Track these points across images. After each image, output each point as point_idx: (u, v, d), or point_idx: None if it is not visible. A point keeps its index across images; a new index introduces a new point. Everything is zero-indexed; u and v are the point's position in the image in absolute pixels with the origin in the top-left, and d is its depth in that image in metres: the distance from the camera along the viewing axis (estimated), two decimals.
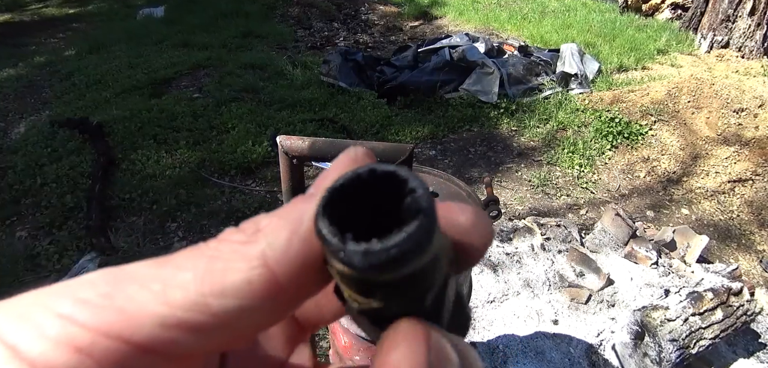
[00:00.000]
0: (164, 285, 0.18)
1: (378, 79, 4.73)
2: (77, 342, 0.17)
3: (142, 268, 0.19)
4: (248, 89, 4.58)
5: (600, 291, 2.35)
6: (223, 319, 0.18)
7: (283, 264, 0.19)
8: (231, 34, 6.07)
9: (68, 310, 0.18)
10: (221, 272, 0.19)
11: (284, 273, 0.19)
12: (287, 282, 0.19)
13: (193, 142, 3.77)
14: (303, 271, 0.20)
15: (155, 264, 0.19)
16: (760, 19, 5.20)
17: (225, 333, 0.19)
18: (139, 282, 0.19)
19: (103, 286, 0.19)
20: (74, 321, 0.17)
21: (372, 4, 7.80)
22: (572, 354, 2.06)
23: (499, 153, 3.87)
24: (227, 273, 0.19)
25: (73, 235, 2.86)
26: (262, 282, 0.19)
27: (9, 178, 3.35)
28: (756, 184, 3.52)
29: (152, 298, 0.18)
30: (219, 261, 0.19)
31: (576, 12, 6.95)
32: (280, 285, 0.19)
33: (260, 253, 0.19)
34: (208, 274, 0.19)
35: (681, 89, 4.21)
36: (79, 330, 0.17)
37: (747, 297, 2.15)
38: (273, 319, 0.21)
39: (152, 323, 0.18)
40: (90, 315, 0.18)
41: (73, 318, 0.17)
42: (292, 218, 0.20)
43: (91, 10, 7.88)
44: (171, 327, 0.18)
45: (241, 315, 0.19)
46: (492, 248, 2.59)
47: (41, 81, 5.03)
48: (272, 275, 0.19)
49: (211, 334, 0.19)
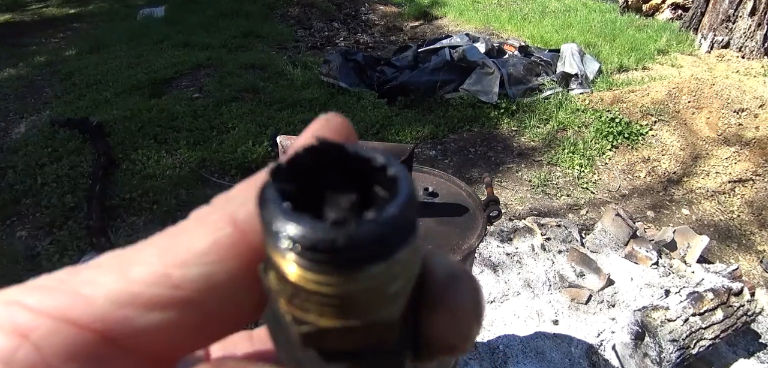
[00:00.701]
0: (125, 264, 0.17)
1: (378, 79, 4.73)
2: (21, 326, 0.15)
3: (107, 256, 0.18)
4: (248, 89, 4.58)
5: (600, 291, 2.35)
6: (188, 291, 0.16)
7: (255, 222, 0.17)
8: (231, 34, 6.07)
9: (17, 296, 0.16)
10: (186, 241, 0.17)
11: (258, 232, 0.17)
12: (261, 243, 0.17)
13: (194, 142, 3.77)
14: None
15: (121, 250, 0.18)
16: (760, 19, 5.20)
17: (192, 312, 0.16)
18: (101, 266, 0.17)
19: (62, 273, 0.17)
20: (21, 305, 0.16)
21: (372, 4, 7.80)
22: (572, 354, 2.06)
23: (500, 153, 3.87)
24: (192, 240, 0.17)
25: (73, 235, 2.86)
26: (231, 243, 0.17)
27: (9, 177, 3.35)
28: (756, 184, 3.52)
29: (111, 278, 0.16)
30: (183, 232, 0.17)
31: (576, 12, 6.95)
32: (252, 245, 0.17)
33: (228, 215, 0.17)
34: (171, 245, 0.17)
35: (681, 89, 4.21)
36: (25, 314, 0.15)
37: (747, 297, 2.14)
38: (251, 300, 0.18)
39: (105, 300, 0.16)
40: (39, 299, 0.16)
41: (20, 303, 0.16)
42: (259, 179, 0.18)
43: (92, 10, 7.88)
44: (126, 304, 0.16)
45: (208, 287, 0.16)
46: (492, 248, 2.59)
47: (41, 81, 5.03)
48: (242, 234, 0.17)
49: (175, 312, 0.16)
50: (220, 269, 0.16)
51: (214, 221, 0.17)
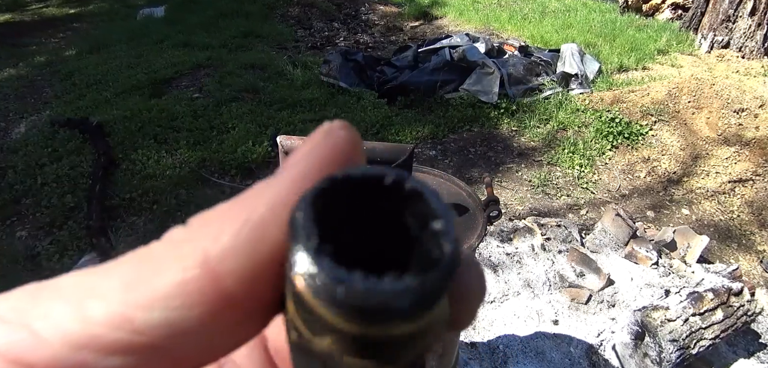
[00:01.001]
0: (84, 297, 0.15)
1: (378, 79, 4.73)
2: None
3: (70, 278, 0.16)
4: (248, 89, 4.58)
5: (600, 291, 2.35)
6: (151, 338, 0.14)
7: (229, 262, 0.15)
8: (231, 34, 6.07)
9: None
10: (150, 277, 0.15)
11: (232, 274, 0.15)
12: (236, 287, 0.15)
13: (194, 142, 3.77)
14: (262, 271, 0.16)
15: (87, 272, 0.16)
16: (760, 19, 5.20)
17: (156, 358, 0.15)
18: (61, 293, 0.15)
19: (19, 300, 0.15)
20: None
21: (372, 4, 7.80)
22: (572, 354, 2.06)
23: (500, 153, 3.87)
24: (157, 277, 0.15)
25: (73, 235, 2.86)
26: (201, 286, 0.15)
27: (9, 177, 3.35)
28: (756, 184, 3.52)
29: (68, 313, 0.15)
30: (151, 262, 0.16)
31: (576, 12, 6.95)
32: (226, 291, 0.15)
33: (200, 250, 0.15)
34: (135, 280, 0.15)
35: (681, 89, 4.21)
36: None
37: (747, 297, 2.14)
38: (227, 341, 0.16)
39: (62, 344, 0.14)
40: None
41: None
42: (246, 203, 0.16)
43: (92, 10, 7.88)
44: (84, 347, 0.14)
45: (174, 334, 0.15)
46: (492, 248, 2.59)
47: (41, 81, 5.03)
48: (215, 277, 0.15)
49: (136, 358, 0.14)
50: (187, 315, 0.15)
51: (183, 256, 0.15)
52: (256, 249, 0.15)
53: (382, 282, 0.14)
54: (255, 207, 0.16)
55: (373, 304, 0.14)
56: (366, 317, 0.14)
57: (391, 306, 0.14)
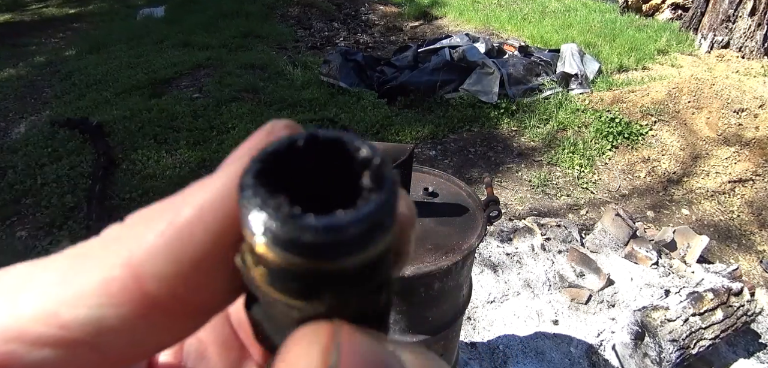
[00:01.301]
0: (20, 290, 0.15)
1: (378, 79, 4.73)
2: None
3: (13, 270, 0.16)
4: (248, 89, 4.58)
5: (600, 291, 2.35)
6: (78, 334, 0.15)
7: (151, 265, 0.15)
8: (231, 34, 6.07)
9: None
10: (79, 273, 0.15)
11: (153, 276, 0.15)
12: (159, 289, 0.15)
13: (194, 142, 3.77)
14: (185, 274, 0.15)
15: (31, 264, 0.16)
16: (760, 19, 5.20)
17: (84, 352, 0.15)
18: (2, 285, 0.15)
19: None
20: None
21: (372, 4, 7.80)
22: (572, 354, 2.06)
23: (500, 153, 3.86)
24: (85, 274, 0.15)
25: (73, 235, 2.86)
26: (123, 287, 0.15)
27: (9, 177, 3.35)
28: (756, 184, 3.52)
29: (2, 306, 0.15)
30: (83, 259, 0.16)
31: (576, 12, 6.95)
32: (148, 293, 0.15)
33: (126, 250, 0.15)
34: (67, 276, 0.15)
35: (681, 89, 4.21)
36: None
37: (747, 297, 2.14)
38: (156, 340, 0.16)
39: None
40: None
41: None
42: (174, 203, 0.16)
43: (91, 10, 7.88)
44: (13, 340, 0.14)
45: (99, 331, 0.15)
46: (492, 248, 2.59)
47: (41, 81, 5.03)
48: (137, 278, 0.15)
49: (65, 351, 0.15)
50: (111, 314, 0.15)
51: (110, 255, 0.15)
52: (180, 252, 0.15)
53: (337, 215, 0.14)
54: (181, 208, 0.16)
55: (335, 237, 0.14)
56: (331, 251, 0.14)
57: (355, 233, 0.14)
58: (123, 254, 0.15)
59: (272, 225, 0.14)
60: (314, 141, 0.16)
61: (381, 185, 0.16)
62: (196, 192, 0.16)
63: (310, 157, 0.17)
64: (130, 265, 0.15)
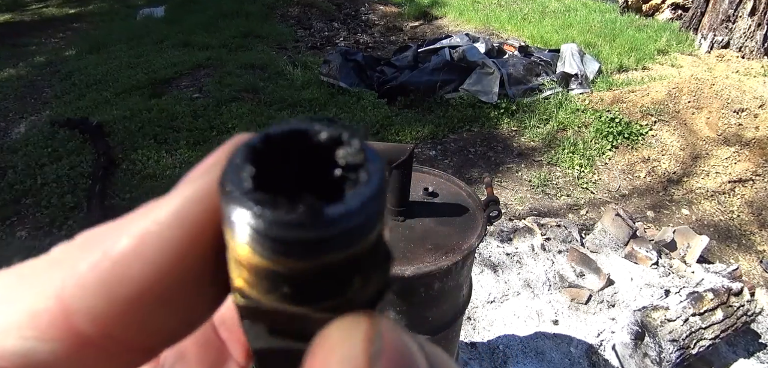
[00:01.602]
0: None
1: (378, 79, 4.73)
2: None
3: None
4: (248, 89, 4.58)
5: (600, 291, 2.35)
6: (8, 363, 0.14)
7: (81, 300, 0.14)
8: (231, 34, 6.07)
9: None
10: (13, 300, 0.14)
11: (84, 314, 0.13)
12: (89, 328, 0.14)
13: (194, 142, 3.77)
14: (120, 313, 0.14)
15: None
16: (760, 19, 5.20)
17: None
18: None
19: None
20: None
21: (372, 4, 7.80)
22: (572, 354, 2.06)
23: (500, 153, 3.86)
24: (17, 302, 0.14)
25: (73, 235, 2.85)
26: (53, 320, 0.13)
27: (9, 177, 3.35)
28: (756, 184, 3.52)
29: None
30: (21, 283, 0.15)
31: (576, 12, 6.95)
32: (78, 330, 0.14)
33: (59, 279, 0.14)
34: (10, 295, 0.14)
35: (681, 89, 4.21)
36: None
37: (747, 297, 2.14)
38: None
39: None
40: None
41: None
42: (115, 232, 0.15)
43: (91, 10, 7.88)
44: None
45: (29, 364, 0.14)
46: (492, 248, 2.59)
47: (41, 81, 5.03)
48: (66, 313, 0.13)
49: None
50: (40, 347, 0.13)
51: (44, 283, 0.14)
52: (113, 288, 0.14)
53: (346, 198, 0.14)
54: (119, 238, 0.14)
55: (331, 231, 0.13)
56: (325, 245, 0.13)
57: (350, 224, 0.13)
58: (56, 284, 0.14)
59: (254, 224, 0.13)
60: (269, 140, 0.15)
61: (367, 158, 0.15)
62: (138, 218, 0.15)
63: (274, 156, 0.15)
64: (61, 298, 0.14)
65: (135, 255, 0.14)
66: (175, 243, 0.14)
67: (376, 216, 0.14)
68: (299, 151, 0.15)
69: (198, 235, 0.15)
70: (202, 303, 0.16)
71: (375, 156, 0.15)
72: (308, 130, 0.15)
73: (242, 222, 0.13)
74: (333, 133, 0.15)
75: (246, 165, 0.14)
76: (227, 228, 0.14)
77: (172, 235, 0.14)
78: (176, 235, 0.14)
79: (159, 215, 0.15)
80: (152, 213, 0.15)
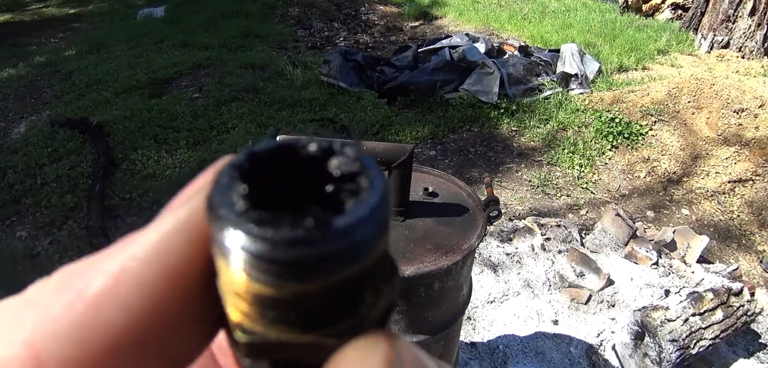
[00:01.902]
0: None
1: (378, 79, 4.73)
2: None
3: None
4: (248, 89, 4.58)
5: (600, 291, 2.35)
6: None
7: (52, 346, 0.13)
8: (231, 34, 6.07)
9: None
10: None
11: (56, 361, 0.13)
12: None
13: (194, 142, 3.77)
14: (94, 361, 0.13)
15: None
16: (760, 19, 5.20)
17: None
18: None
19: None
20: None
21: (372, 4, 7.79)
22: (572, 354, 2.06)
23: (500, 153, 3.86)
24: None
25: (73, 235, 2.86)
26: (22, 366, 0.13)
27: (9, 177, 3.35)
28: (756, 184, 3.52)
29: None
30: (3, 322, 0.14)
31: (576, 12, 6.95)
32: None
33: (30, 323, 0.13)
34: None
35: (681, 89, 4.21)
36: None
37: (747, 297, 2.14)
38: None
39: None
40: None
41: None
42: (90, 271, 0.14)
43: (91, 10, 7.88)
44: None
45: None
46: (492, 248, 2.59)
47: (41, 81, 5.03)
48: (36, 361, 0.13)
49: None
50: None
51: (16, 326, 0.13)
52: (86, 333, 0.13)
53: (339, 217, 0.12)
54: (95, 276, 0.13)
55: (341, 244, 0.12)
56: (335, 261, 0.12)
57: (361, 235, 0.12)
58: (27, 328, 0.13)
59: (250, 247, 0.12)
60: (254, 158, 0.14)
61: (364, 165, 0.14)
62: (116, 254, 0.14)
63: (261, 175, 0.14)
64: (31, 345, 0.13)
65: (110, 297, 0.13)
66: (154, 281, 0.13)
67: (385, 223, 0.13)
68: (287, 168, 0.14)
69: (181, 270, 0.14)
70: (188, 343, 0.15)
71: (371, 161, 0.14)
72: (294, 145, 0.14)
73: (238, 246, 0.12)
74: (323, 144, 0.14)
75: (236, 184, 0.13)
76: (220, 257, 0.13)
77: (150, 272, 0.13)
78: (155, 272, 0.13)
79: (136, 251, 0.13)
80: (129, 248, 0.14)
